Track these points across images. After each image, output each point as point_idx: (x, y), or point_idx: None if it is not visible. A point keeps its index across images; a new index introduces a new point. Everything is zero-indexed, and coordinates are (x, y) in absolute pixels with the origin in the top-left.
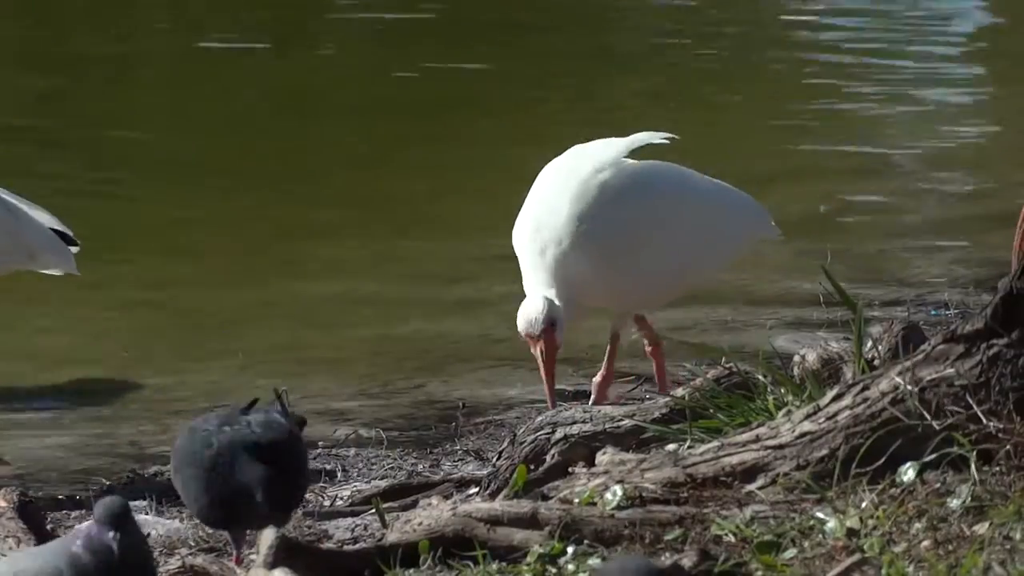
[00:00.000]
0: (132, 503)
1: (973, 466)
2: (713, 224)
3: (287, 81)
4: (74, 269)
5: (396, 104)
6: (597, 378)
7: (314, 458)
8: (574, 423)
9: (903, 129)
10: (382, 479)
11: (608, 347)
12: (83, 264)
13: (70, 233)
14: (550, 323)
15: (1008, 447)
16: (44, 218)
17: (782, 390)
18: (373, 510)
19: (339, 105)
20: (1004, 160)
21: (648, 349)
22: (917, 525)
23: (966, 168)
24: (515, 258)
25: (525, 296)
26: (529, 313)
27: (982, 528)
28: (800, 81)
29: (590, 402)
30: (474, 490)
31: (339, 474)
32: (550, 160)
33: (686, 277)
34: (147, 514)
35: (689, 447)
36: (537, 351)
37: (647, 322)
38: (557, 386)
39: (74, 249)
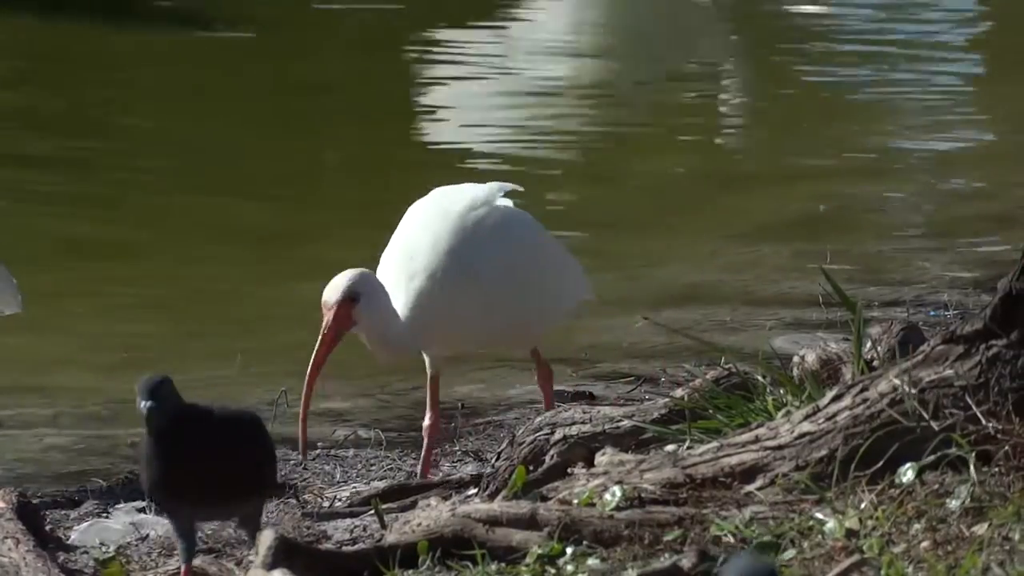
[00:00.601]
0: (131, 504)
1: (972, 467)
2: (563, 277)
3: (286, 82)
4: (18, 307)
5: (394, 105)
6: (539, 379)
7: (313, 459)
8: (573, 424)
9: (902, 129)
10: (381, 480)
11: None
12: (83, 264)
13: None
14: (349, 296)
15: (1007, 448)
16: None
17: (781, 391)
18: (372, 511)
19: (338, 106)
20: (1003, 161)
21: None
22: (916, 526)
23: (965, 168)
24: None
25: None
26: (334, 279)
27: (981, 529)
28: (800, 80)
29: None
30: (473, 491)
31: (338, 475)
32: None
33: (541, 322)
34: (146, 514)
35: (688, 448)
36: (323, 325)
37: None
38: (557, 387)
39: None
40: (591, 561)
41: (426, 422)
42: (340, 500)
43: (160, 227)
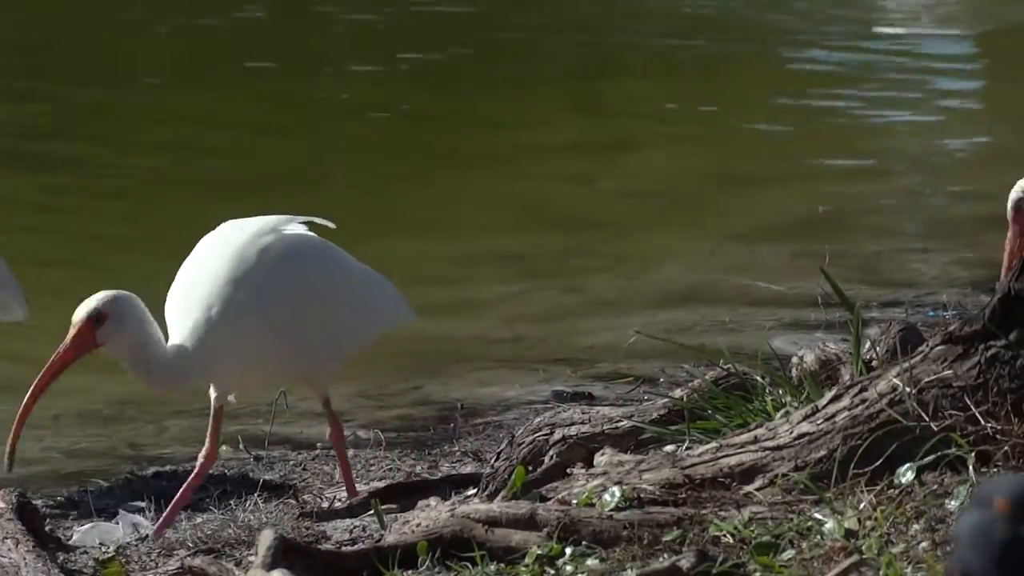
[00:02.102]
0: (131, 504)
1: (971, 467)
2: (363, 303)
3: (287, 84)
4: (23, 315)
5: (395, 107)
6: (330, 437)
7: (312, 459)
8: (572, 424)
9: (902, 130)
10: (380, 480)
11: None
12: (83, 264)
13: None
14: (95, 316)
15: (1006, 448)
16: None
17: (780, 391)
18: (371, 511)
19: (339, 108)
20: (1001, 162)
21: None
22: (915, 526)
23: (964, 170)
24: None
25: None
26: (88, 299)
27: None
28: (800, 81)
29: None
30: (472, 491)
31: (337, 475)
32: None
33: (336, 354)
34: (146, 515)
35: (687, 448)
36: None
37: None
38: (555, 387)
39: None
40: (590, 561)
41: (202, 453)
42: (340, 500)
43: (160, 227)
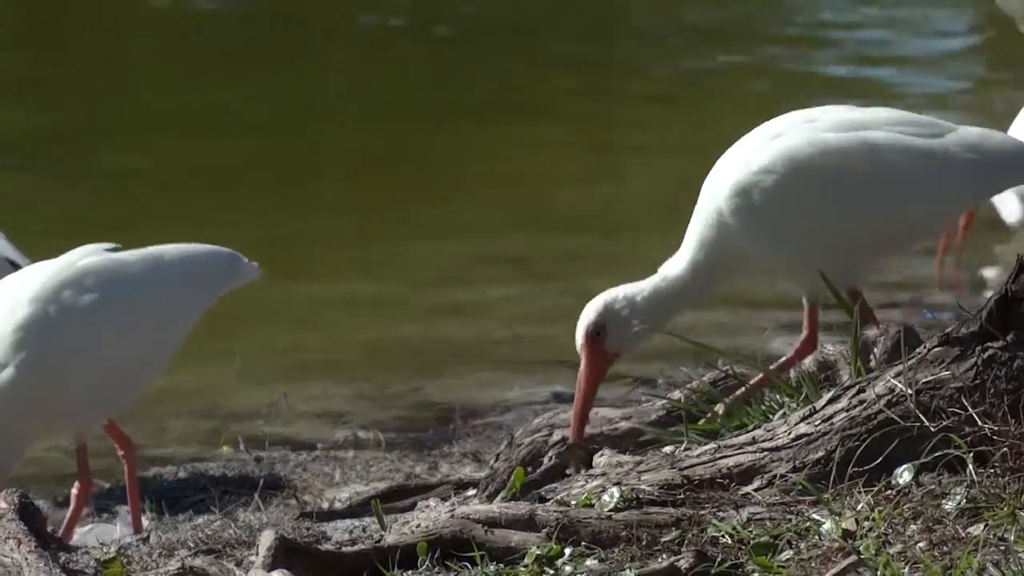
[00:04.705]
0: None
1: (969, 468)
2: (158, 308)
3: (288, 86)
4: None
5: (395, 109)
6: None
7: (313, 460)
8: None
9: None
10: (380, 481)
11: (78, 458)
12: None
13: (22, 264)
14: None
15: (1003, 449)
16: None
17: (778, 393)
18: (371, 512)
19: (338, 110)
20: None
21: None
22: (913, 527)
23: None
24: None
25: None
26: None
27: (977, 530)
28: (798, 81)
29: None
30: (472, 492)
31: (337, 476)
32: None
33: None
34: (146, 515)
35: (686, 449)
36: None
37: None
38: (555, 388)
39: None
40: (589, 562)
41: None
42: (339, 501)
43: (160, 226)
